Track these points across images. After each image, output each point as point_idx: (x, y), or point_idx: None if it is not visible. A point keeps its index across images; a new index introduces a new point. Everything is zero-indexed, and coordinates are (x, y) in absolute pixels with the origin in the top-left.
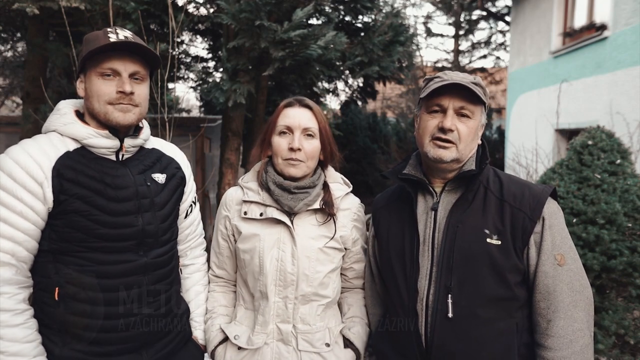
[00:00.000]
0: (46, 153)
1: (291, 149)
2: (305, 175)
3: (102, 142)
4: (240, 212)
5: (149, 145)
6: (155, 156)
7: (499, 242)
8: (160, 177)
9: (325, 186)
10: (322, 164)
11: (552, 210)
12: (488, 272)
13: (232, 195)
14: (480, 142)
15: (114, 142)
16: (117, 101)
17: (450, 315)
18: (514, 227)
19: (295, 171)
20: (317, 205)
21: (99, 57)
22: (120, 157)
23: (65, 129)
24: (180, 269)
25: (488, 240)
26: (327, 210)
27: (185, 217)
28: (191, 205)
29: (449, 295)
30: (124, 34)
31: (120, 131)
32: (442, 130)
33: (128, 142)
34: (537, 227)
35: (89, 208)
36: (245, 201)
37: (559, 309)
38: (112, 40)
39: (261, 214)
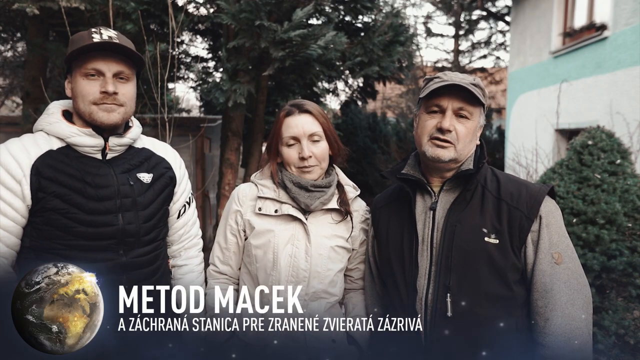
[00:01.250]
0: (27, 151)
1: (302, 158)
2: (320, 175)
3: (85, 140)
4: (254, 208)
5: (139, 145)
6: (143, 155)
7: (497, 241)
8: (146, 177)
9: (340, 186)
10: (332, 160)
11: (550, 209)
12: (487, 270)
13: (245, 190)
14: (478, 142)
15: (98, 141)
16: (100, 101)
17: (449, 314)
18: (511, 225)
19: (311, 176)
20: (331, 205)
21: (83, 58)
22: (105, 156)
23: (50, 128)
24: (172, 269)
25: (486, 239)
26: (344, 209)
27: (178, 217)
28: (184, 205)
29: (448, 294)
30: (108, 33)
31: (105, 130)
32: (441, 130)
33: (113, 140)
34: (534, 226)
35: (66, 206)
36: (260, 197)
37: (557, 308)
38: (95, 40)
39: (276, 211)
